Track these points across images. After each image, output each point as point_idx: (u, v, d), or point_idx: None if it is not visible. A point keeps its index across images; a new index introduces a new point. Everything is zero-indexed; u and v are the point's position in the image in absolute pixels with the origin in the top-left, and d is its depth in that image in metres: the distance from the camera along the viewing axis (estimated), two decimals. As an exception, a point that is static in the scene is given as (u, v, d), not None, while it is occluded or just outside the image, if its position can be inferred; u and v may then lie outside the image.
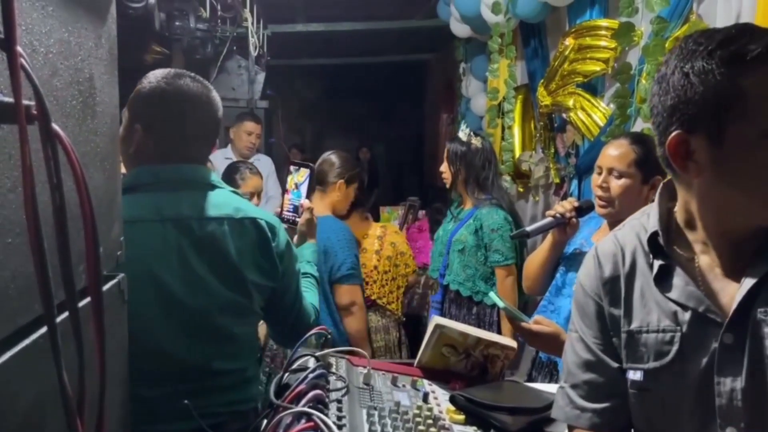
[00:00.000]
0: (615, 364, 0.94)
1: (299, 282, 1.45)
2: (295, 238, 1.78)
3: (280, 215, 1.83)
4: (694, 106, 0.80)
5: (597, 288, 0.97)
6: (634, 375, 0.90)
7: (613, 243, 0.98)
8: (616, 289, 0.95)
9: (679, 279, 0.88)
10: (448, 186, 2.70)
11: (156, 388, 1.19)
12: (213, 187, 1.32)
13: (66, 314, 0.59)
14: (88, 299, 0.65)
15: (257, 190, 2.75)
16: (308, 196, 1.84)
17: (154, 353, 1.20)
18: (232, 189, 1.38)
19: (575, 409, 0.96)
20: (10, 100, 0.48)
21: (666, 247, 0.90)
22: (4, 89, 0.59)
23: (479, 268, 2.51)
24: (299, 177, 1.86)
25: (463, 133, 2.67)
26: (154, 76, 1.30)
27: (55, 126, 0.49)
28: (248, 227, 1.29)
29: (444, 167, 2.67)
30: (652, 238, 0.91)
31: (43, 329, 0.66)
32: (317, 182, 2.28)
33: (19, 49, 0.48)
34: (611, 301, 0.95)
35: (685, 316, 0.86)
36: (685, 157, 0.84)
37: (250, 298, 1.30)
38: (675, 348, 0.86)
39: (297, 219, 1.80)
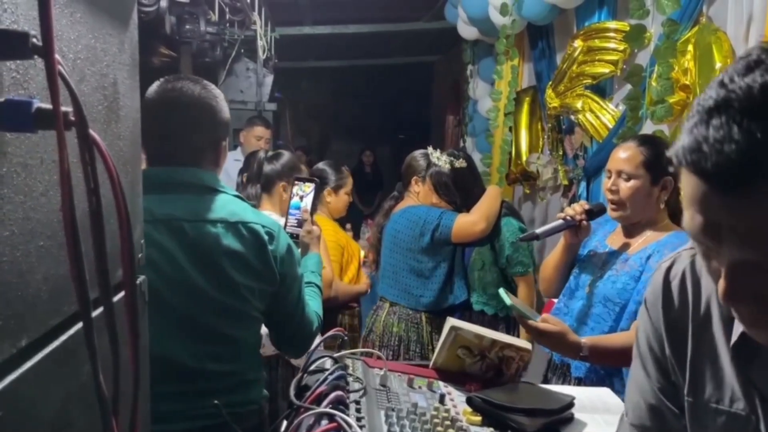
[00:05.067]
0: (676, 411, 0.80)
1: (301, 288, 1.44)
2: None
3: (284, 229, 1.84)
4: None
5: (660, 329, 0.81)
6: None
7: (688, 269, 0.78)
8: (681, 338, 0.78)
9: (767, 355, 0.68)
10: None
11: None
12: (213, 190, 1.32)
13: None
14: (113, 301, 0.66)
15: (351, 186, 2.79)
16: (313, 210, 1.86)
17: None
18: (236, 194, 1.38)
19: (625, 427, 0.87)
20: (49, 106, 0.49)
21: None
22: (37, 95, 0.60)
23: (499, 282, 2.50)
24: (305, 189, 1.88)
25: (440, 159, 2.53)
26: (157, 82, 1.32)
27: (92, 132, 0.50)
28: (242, 231, 1.29)
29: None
30: None
31: (72, 331, 0.67)
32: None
33: (57, 56, 0.49)
34: (673, 349, 0.79)
35: (767, 405, 0.70)
36: None
37: (243, 302, 1.30)
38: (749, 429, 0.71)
39: (300, 232, 1.81)
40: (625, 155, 1.70)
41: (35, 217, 0.59)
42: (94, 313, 0.54)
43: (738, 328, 0.70)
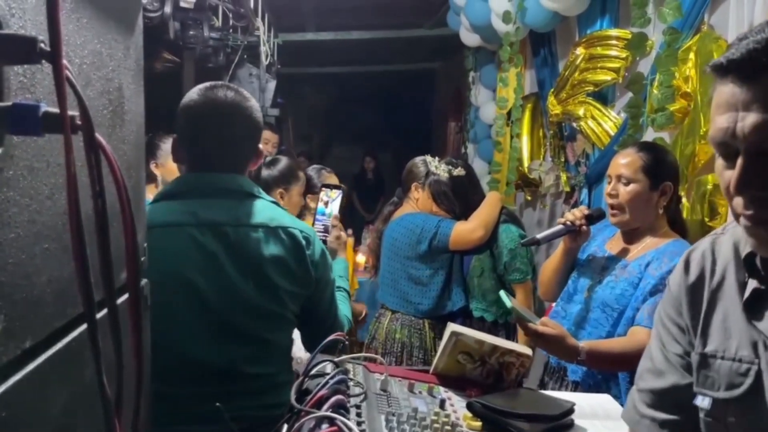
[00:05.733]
0: (687, 380, 0.89)
1: (334, 291, 1.47)
2: None
3: None
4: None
5: (680, 296, 0.91)
6: (703, 402, 0.85)
7: (707, 251, 0.90)
8: (697, 300, 0.89)
9: None
10: None
11: (179, 388, 1.21)
12: (252, 196, 1.35)
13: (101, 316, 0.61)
14: (117, 303, 0.67)
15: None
16: (342, 217, 1.90)
17: (180, 353, 1.22)
18: (272, 199, 1.41)
19: (636, 414, 0.95)
20: (56, 110, 0.50)
21: (765, 270, 0.81)
22: (43, 99, 0.61)
23: (498, 288, 2.51)
24: (332, 195, 1.92)
25: (438, 167, 2.52)
26: (193, 90, 1.35)
27: (98, 136, 0.50)
28: (282, 236, 1.32)
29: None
30: (749, 257, 0.82)
31: (76, 333, 0.68)
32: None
33: (64, 62, 0.49)
34: (690, 313, 0.89)
35: None
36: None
37: (282, 305, 1.33)
38: (749, 381, 0.80)
39: (327, 238, 1.84)
40: (624, 160, 1.72)
41: (41, 219, 0.60)
42: (98, 315, 0.55)
43: (750, 286, 0.81)
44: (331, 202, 1.90)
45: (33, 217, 0.58)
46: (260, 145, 1.41)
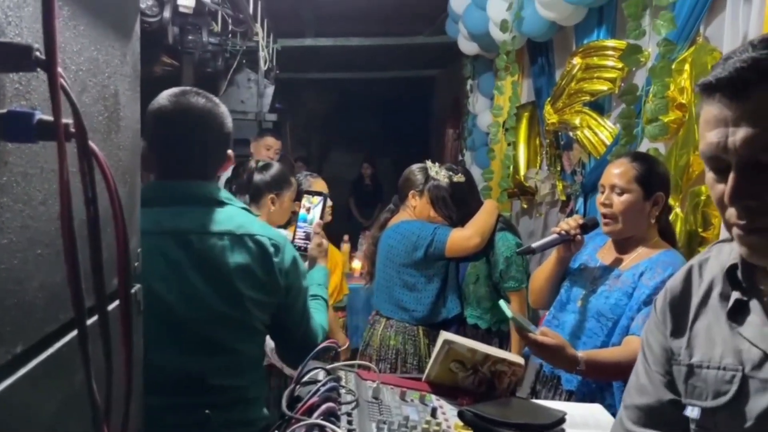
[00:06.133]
0: (669, 396, 0.92)
1: (306, 300, 1.44)
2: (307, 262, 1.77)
3: (292, 243, 1.84)
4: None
5: (665, 316, 0.94)
6: (692, 412, 0.87)
7: (695, 270, 0.94)
8: (683, 313, 0.92)
9: (756, 317, 0.83)
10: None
11: (148, 398, 1.20)
12: (221, 203, 1.33)
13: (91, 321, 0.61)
14: (107, 310, 0.67)
15: (324, 191, 2.78)
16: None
17: (146, 363, 1.20)
18: (243, 206, 1.39)
19: (622, 430, 0.96)
20: (50, 118, 0.50)
21: (746, 281, 0.85)
22: (38, 106, 0.61)
23: (493, 296, 2.51)
24: (313, 201, 1.89)
25: (438, 173, 2.53)
26: (161, 95, 1.33)
27: (91, 143, 0.51)
28: (249, 244, 1.29)
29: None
30: (731, 270, 0.87)
31: (68, 338, 0.68)
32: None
33: (59, 70, 0.50)
34: (675, 327, 0.92)
35: (752, 355, 0.82)
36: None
37: (248, 314, 1.30)
38: (734, 388, 0.83)
39: (308, 245, 1.80)
40: (618, 170, 1.73)
41: (34, 225, 0.60)
42: (89, 321, 0.55)
43: (733, 297, 0.85)
44: (312, 208, 1.87)
45: (26, 222, 0.58)
46: (229, 151, 1.40)
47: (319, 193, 1.92)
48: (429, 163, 2.59)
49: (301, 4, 4.88)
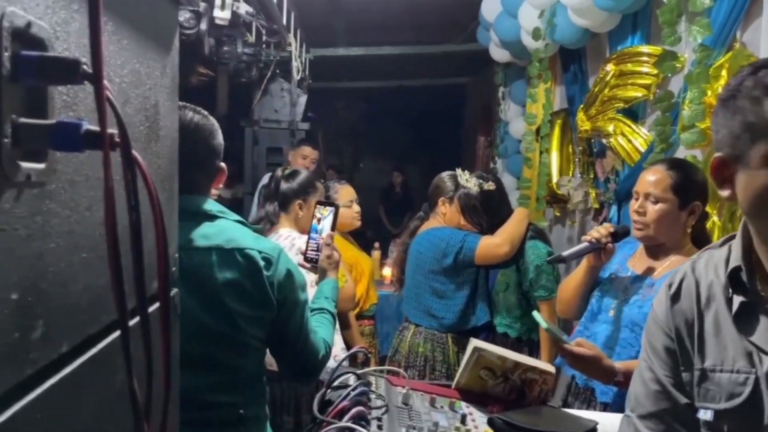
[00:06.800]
0: (684, 400, 0.92)
1: (304, 314, 1.40)
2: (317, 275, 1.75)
3: (304, 254, 1.82)
4: (736, 129, 0.82)
5: (668, 321, 0.95)
6: (705, 414, 0.89)
7: (688, 275, 0.95)
8: (689, 323, 0.93)
9: (765, 321, 0.84)
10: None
11: None
12: (212, 217, 1.31)
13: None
14: (148, 312, 0.70)
15: (353, 198, 2.78)
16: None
17: None
18: (237, 218, 1.37)
19: None
20: (96, 128, 0.53)
21: (749, 284, 0.86)
22: (84, 116, 0.65)
23: (523, 304, 2.49)
24: (324, 212, 1.86)
25: (469, 181, 2.53)
26: None
27: (134, 153, 0.53)
28: (238, 258, 1.27)
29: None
30: (735, 273, 0.87)
31: (109, 339, 0.71)
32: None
33: (105, 83, 0.53)
34: (684, 335, 0.93)
35: (763, 358, 0.83)
36: (722, 180, 0.85)
37: (239, 331, 1.28)
38: (748, 390, 0.84)
39: (318, 256, 1.77)
40: (653, 178, 1.70)
41: (79, 230, 0.63)
42: (131, 323, 0.57)
43: (737, 300, 0.85)
44: (323, 219, 1.84)
45: (72, 227, 0.61)
46: (222, 164, 1.38)
47: (330, 204, 1.89)
48: (459, 171, 2.59)
49: (334, 14, 4.94)
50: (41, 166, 0.54)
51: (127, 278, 0.58)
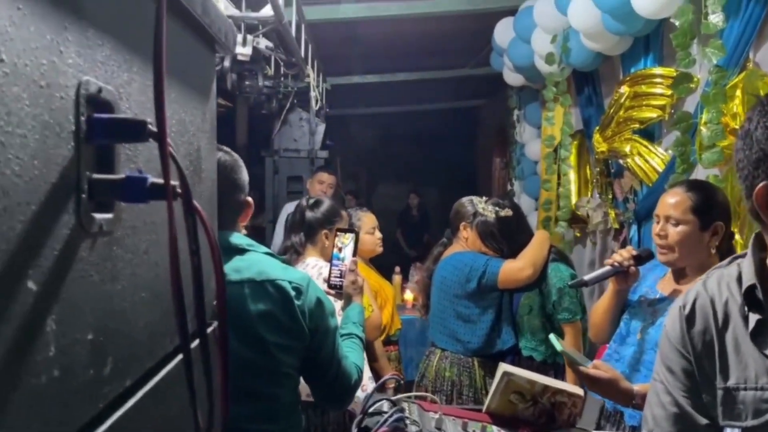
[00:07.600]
0: (704, 421, 0.93)
1: (336, 340, 1.43)
2: (341, 301, 1.78)
3: (328, 281, 1.85)
4: None
5: (684, 342, 0.96)
6: None
7: (702, 295, 0.96)
8: (708, 343, 0.93)
9: None
10: None
11: None
12: (241, 250, 1.35)
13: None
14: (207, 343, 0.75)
15: (375, 225, 2.81)
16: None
17: None
18: (267, 250, 1.41)
19: None
20: (160, 181, 0.58)
21: (765, 301, 0.87)
22: (143, 167, 0.70)
23: (547, 327, 2.51)
24: (344, 240, 1.89)
25: (485, 209, 2.54)
26: None
27: (195, 202, 0.59)
28: (270, 290, 1.31)
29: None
30: (750, 290, 0.88)
31: (164, 372, 0.75)
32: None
33: (168, 140, 0.58)
34: (703, 355, 0.93)
35: None
36: None
37: (274, 360, 1.32)
38: None
39: (342, 282, 1.80)
40: (673, 200, 1.70)
41: (139, 272, 0.69)
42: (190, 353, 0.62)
43: (753, 318, 0.86)
44: (344, 247, 1.87)
45: (134, 270, 0.67)
46: (248, 198, 1.42)
47: (350, 231, 1.93)
48: (476, 198, 2.62)
49: (349, 45, 5.05)
50: (110, 216, 0.60)
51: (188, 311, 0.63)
